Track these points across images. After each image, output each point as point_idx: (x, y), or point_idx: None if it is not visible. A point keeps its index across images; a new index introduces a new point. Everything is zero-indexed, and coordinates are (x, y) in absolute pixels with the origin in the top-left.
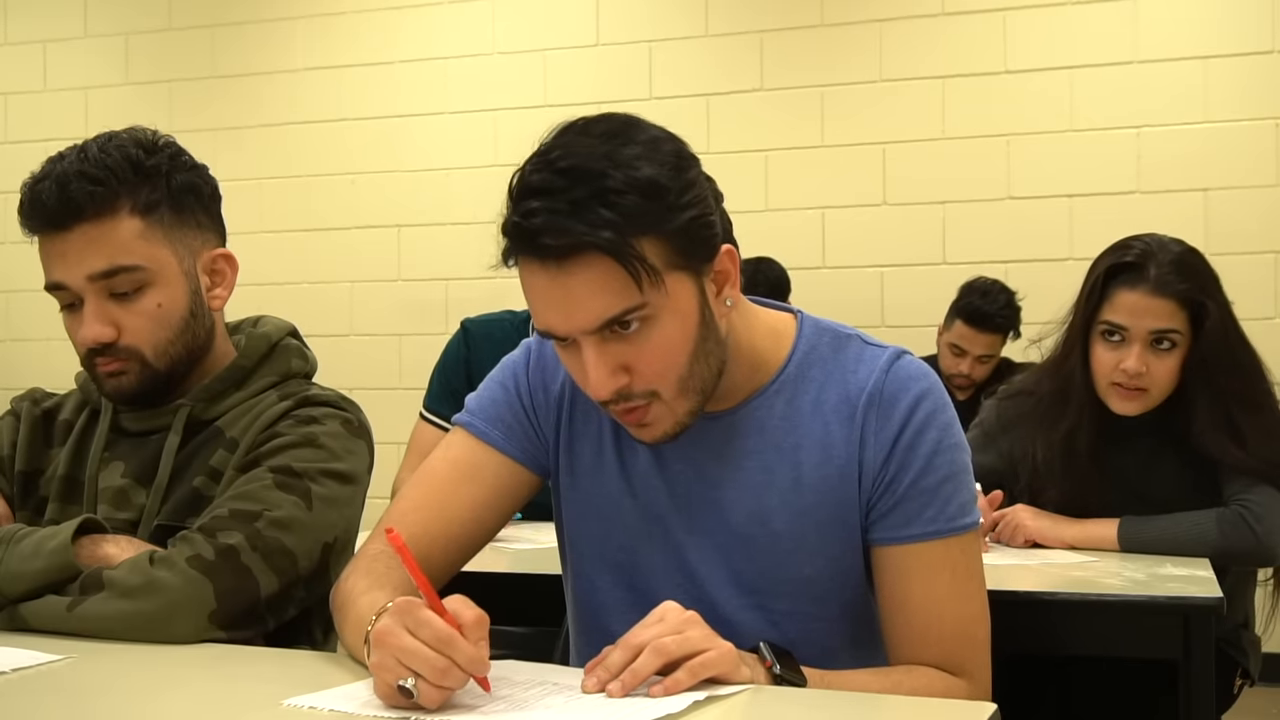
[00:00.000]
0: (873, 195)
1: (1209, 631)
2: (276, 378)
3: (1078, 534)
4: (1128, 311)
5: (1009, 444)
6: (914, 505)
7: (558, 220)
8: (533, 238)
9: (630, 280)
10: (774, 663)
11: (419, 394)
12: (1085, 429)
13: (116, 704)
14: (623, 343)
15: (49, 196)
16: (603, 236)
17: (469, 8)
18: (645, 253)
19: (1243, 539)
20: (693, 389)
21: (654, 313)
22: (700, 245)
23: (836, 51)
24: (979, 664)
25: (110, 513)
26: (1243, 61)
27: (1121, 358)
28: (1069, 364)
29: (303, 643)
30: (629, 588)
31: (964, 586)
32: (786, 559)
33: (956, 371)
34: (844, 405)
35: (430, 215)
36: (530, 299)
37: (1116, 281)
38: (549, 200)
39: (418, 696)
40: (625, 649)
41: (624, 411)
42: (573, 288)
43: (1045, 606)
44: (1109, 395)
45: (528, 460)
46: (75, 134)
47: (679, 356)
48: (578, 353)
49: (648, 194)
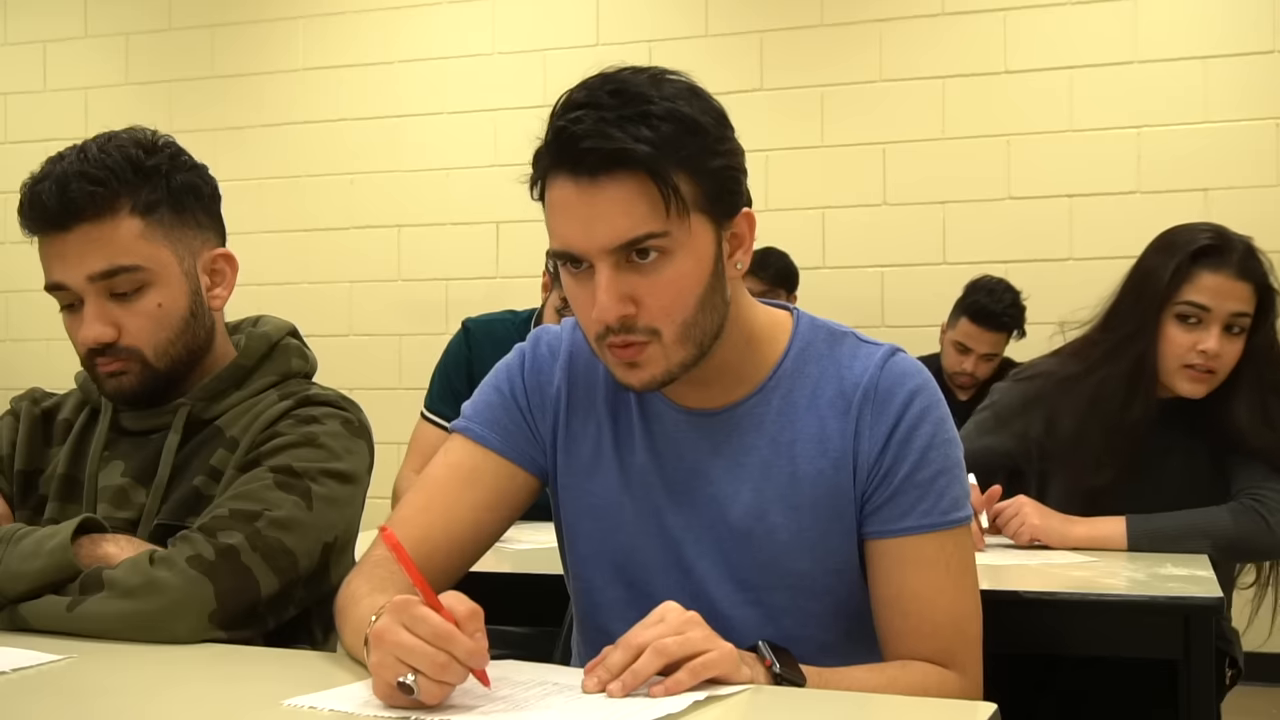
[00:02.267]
0: (873, 195)
1: (1209, 631)
2: (276, 377)
3: (1084, 533)
4: (1212, 293)
5: (1025, 425)
6: (908, 499)
7: (603, 127)
8: (575, 142)
9: (659, 205)
10: (774, 662)
11: (419, 394)
12: (1148, 411)
13: (116, 704)
14: (637, 273)
15: (49, 197)
16: (643, 150)
17: (469, 8)
18: (678, 183)
19: (1256, 531)
20: (692, 339)
21: (673, 247)
22: (726, 197)
23: (836, 51)
24: (971, 658)
25: (110, 512)
26: (1243, 61)
27: (1198, 339)
28: (1138, 345)
29: (303, 643)
30: (627, 585)
31: (957, 580)
32: (783, 553)
33: (960, 370)
34: (839, 400)
35: (430, 215)
36: (555, 219)
37: (1201, 263)
38: (594, 111)
39: (418, 693)
40: (626, 649)
41: (621, 346)
42: (602, 204)
43: (1045, 606)
44: (1177, 377)
45: (526, 463)
46: (75, 134)
47: (688, 298)
48: (588, 280)
49: (688, 128)
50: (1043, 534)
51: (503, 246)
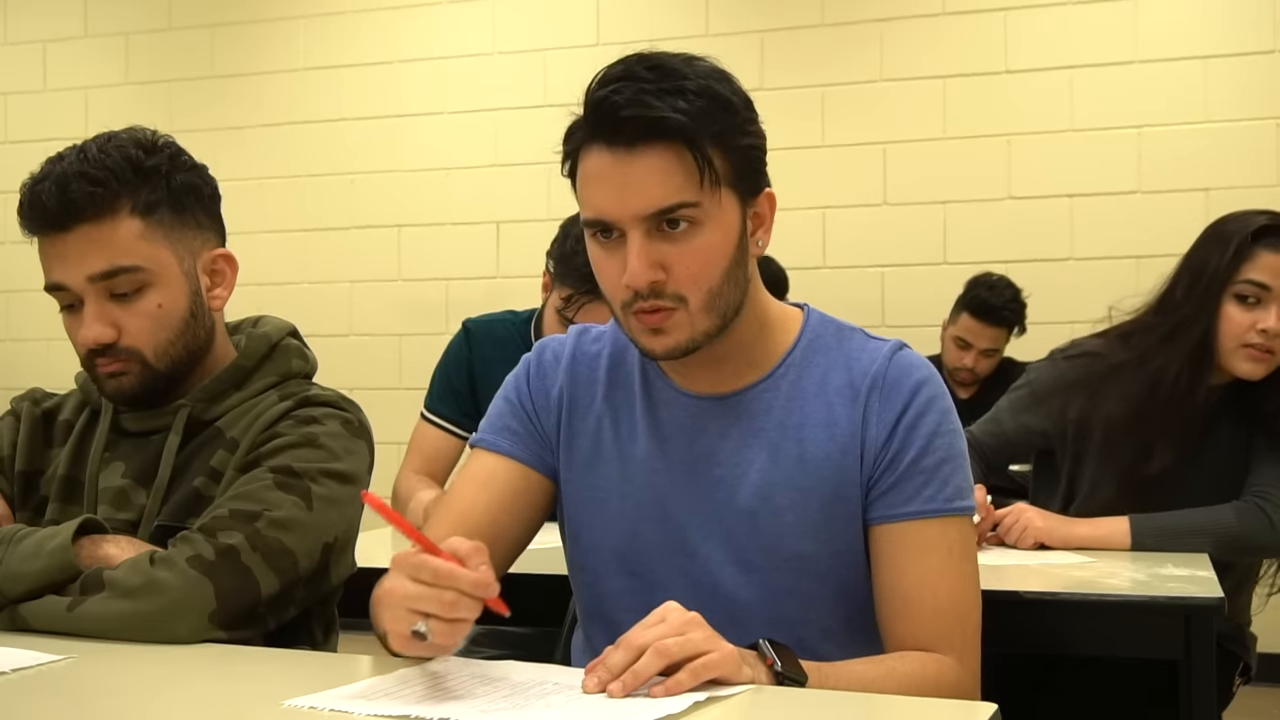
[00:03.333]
0: (873, 195)
1: (1209, 631)
2: (277, 378)
3: (1087, 533)
4: (1272, 271)
5: (1063, 404)
6: (913, 484)
7: (643, 97)
8: (615, 111)
9: (693, 176)
10: (775, 660)
11: (419, 394)
12: (1209, 394)
13: (116, 704)
14: (667, 241)
15: (49, 197)
16: (681, 120)
17: (469, 8)
18: (711, 156)
19: (1260, 530)
20: (717, 309)
21: (703, 218)
22: (752, 175)
23: (836, 51)
24: (970, 646)
25: (110, 513)
26: (1243, 61)
27: (1258, 318)
28: (1199, 326)
29: (303, 643)
30: (630, 574)
31: (959, 567)
32: (788, 534)
33: (960, 365)
34: (847, 388)
35: (430, 215)
36: (588, 188)
37: (1261, 243)
38: (633, 84)
39: (431, 636)
40: (627, 649)
41: (649, 311)
42: (637, 173)
43: (1045, 606)
44: (1235, 357)
45: (537, 464)
46: (75, 134)
47: (715, 268)
48: (618, 249)
49: (721, 105)
50: (1046, 536)
51: (503, 246)
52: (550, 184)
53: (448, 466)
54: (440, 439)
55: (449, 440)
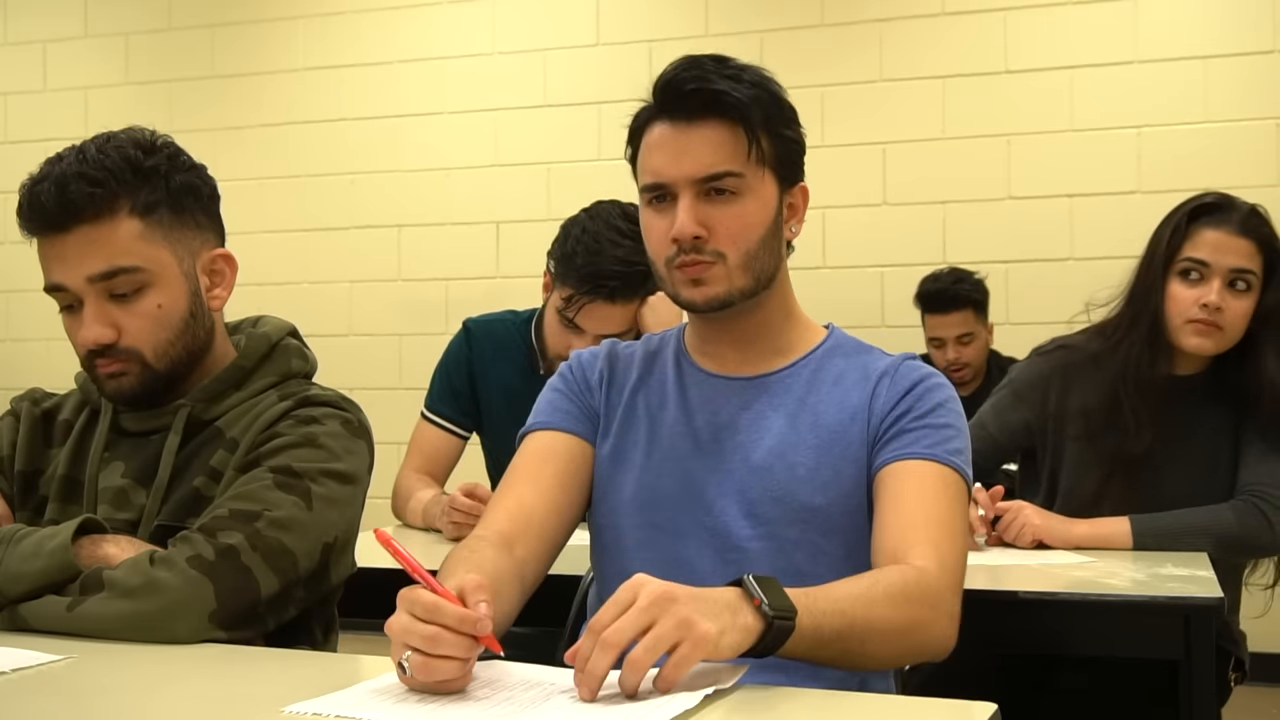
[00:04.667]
0: (873, 195)
1: (1209, 631)
2: (276, 378)
3: (1087, 532)
4: (1211, 248)
5: (1043, 395)
6: (917, 433)
7: (706, 76)
8: (680, 86)
9: (743, 149)
10: (763, 600)
11: (419, 394)
12: (1174, 369)
13: (116, 704)
14: (712, 205)
15: (48, 198)
16: (738, 98)
17: (469, 8)
18: (760, 136)
19: (1259, 529)
20: (752, 270)
21: (745, 190)
22: (791, 165)
23: (836, 51)
24: (951, 556)
25: (110, 513)
26: (1243, 61)
27: (1201, 294)
28: (1151, 303)
29: (303, 643)
30: (650, 525)
31: (951, 505)
32: (800, 488)
33: (946, 363)
34: (862, 381)
35: (430, 215)
36: (648, 156)
37: (1200, 222)
38: (698, 69)
39: (411, 671)
40: (602, 648)
41: (691, 264)
42: (694, 140)
43: (1045, 606)
44: (1183, 333)
45: (587, 434)
46: (75, 134)
47: (753, 233)
48: (669, 211)
49: (772, 98)
50: (1045, 534)
51: (503, 246)
52: (550, 184)
53: (448, 466)
54: (440, 438)
55: (449, 440)
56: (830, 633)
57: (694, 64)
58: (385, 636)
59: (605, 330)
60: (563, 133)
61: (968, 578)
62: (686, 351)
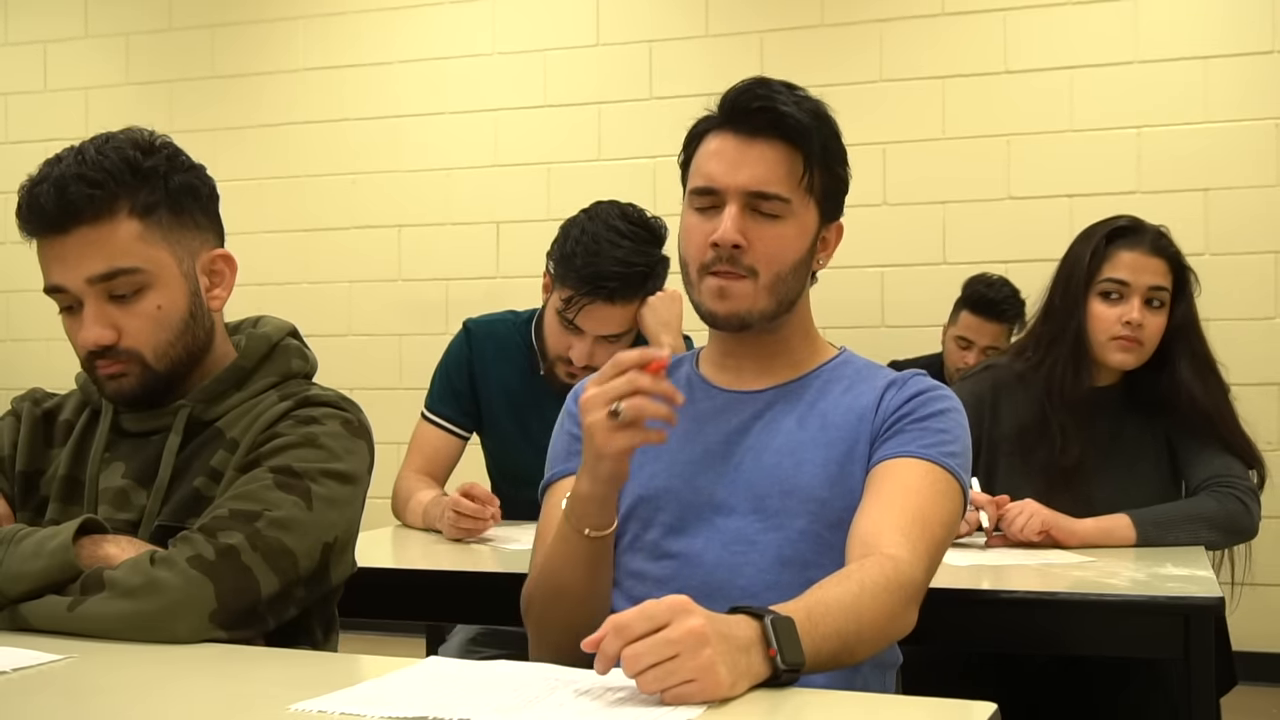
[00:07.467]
0: (873, 195)
1: (1209, 631)
2: (276, 378)
3: (1091, 528)
4: (1129, 268)
5: (976, 417)
6: (913, 433)
7: (775, 96)
8: (749, 102)
9: (796, 175)
10: (778, 651)
11: (419, 394)
12: (1097, 384)
13: (116, 704)
14: (755, 221)
15: (47, 199)
16: (802, 123)
17: (469, 8)
18: (813, 166)
19: (1240, 513)
20: (777, 292)
21: (789, 214)
22: (834, 201)
23: (836, 51)
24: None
25: (111, 513)
26: (1243, 61)
27: (1123, 312)
28: (1074, 321)
29: (303, 643)
30: (658, 520)
31: (936, 502)
32: (808, 481)
33: (963, 365)
34: (869, 392)
35: (430, 215)
36: (704, 162)
37: (1116, 244)
38: (766, 89)
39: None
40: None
41: (724, 272)
42: (752, 155)
43: (1045, 606)
44: (1107, 349)
45: None
46: (75, 134)
47: (788, 257)
48: (713, 218)
49: (832, 132)
50: (1051, 523)
51: (503, 246)
52: (550, 184)
53: (448, 466)
54: (440, 439)
55: (449, 440)
56: (826, 655)
57: (763, 83)
58: (385, 636)
59: (605, 331)
60: (563, 133)
61: (971, 579)
62: (700, 373)
